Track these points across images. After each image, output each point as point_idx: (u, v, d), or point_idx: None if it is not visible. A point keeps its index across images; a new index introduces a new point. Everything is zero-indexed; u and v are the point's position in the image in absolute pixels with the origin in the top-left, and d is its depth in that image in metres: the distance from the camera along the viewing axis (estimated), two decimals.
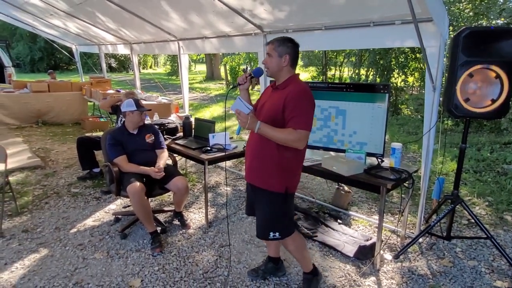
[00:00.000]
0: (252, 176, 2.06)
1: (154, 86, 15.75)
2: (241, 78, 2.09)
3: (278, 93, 1.96)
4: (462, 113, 2.43)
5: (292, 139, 1.85)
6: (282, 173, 1.96)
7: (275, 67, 1.96)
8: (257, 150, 1.99)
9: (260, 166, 1.99)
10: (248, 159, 2.10)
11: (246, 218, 3.38)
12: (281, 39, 1.95)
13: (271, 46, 1.96)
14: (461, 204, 2.69)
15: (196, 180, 4.40)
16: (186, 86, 5.41)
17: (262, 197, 2.05)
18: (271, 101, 1.98)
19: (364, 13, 2.74)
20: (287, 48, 1.93)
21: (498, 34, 2.31)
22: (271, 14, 3.28)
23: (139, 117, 3.06)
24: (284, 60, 1.93)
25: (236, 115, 1.88)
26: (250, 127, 1.86)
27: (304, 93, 1.89)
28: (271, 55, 1.95)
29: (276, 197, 1.99)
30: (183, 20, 4.22)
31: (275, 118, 1.90)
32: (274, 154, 1.93)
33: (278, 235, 2.05)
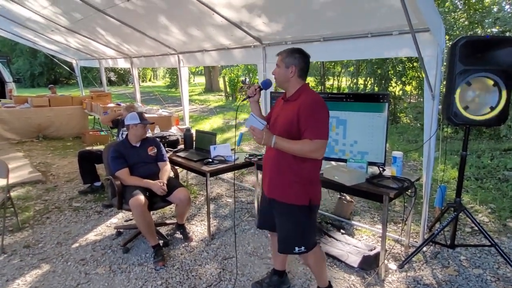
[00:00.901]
0: (274, 191, 2.02)
1: (154, 99, 15.84)
2: (251, 91, 2.10)
3: (290, 105, 1.96)
4: (462, 121, 2.45)
5: (309, 150, 1.83)
6: (304, 185, 1.94)
7: (282, 78, 1.97)
8: (276, 164, 1.98)
9: (281, 181, 1.97)
10: (267, 174, 2.07)
11: (249, 230, 3.37)
12: (289, 50, 1.97)
13: (279, 58, 1.98)
14: (464, 211, 2.68)
15: (198, 192, 4.39)
16: (186, 99, 5.45)
17: (285, 211, 2.00)
18: (284, 114, 1.97)
19: (361, 24, 2.78)
20: (294, 59, 1.93)
21: (494, 43, 2.35)
22: (269, 26, 3.34)
23: (143, 130, 3.08)
24: (291, 71, 1.93)
25: (250, 131, 1.87)
26: (266, 143, 1.84)
27: (317, 102, 1.88)
28: (279, 66, 1.97)
29: (300, 210, 1.96)
30: (183, 33, 4.27)
31: (290, 131, 1.89)
32: (293, 166, 1.92)
33: (304, 249, 2.02)
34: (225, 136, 8.28)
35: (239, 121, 10.69)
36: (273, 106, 2.21)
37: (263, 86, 2.11)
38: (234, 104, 15.06)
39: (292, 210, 1.98)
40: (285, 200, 1.98)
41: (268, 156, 2.07)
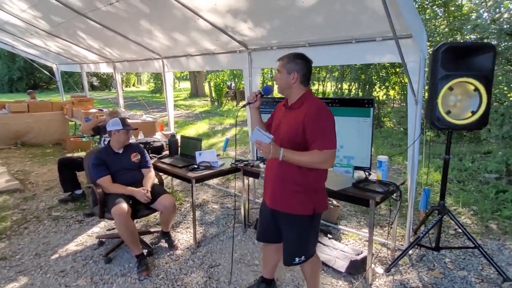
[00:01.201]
0: (277, 202, 1.96)
1: (138, 104, 15.61)
2: (251, 97, 2.04)
3: (293, 113, 1.89)
4: (445, 125, 2.49)
5: (319, 161, 1.78)
6: (309, 195, 1.89)
7: (283, 84, 1.91)
8: (280, 174, 1.92)
9: (285, 191, 1.91)
10: (269, 184, 2.02)
11: (235, 237, 3.32)
12: (292, 55, 1.90)
13: (281, 63, 1.91)
14: (448, 214, 2.72)
15: (183, 199, 4.31)
16: (171, 104, 5.37)
17: (289, 222, 1.95)
18: (288, 122, 1.91)
19: (346, 30, 2.81)
20: (296, 65, 1.87)
21: (474, 49, 2.41)
22: (255, 31, 3.33)
23: (126, 136, 3.01)
24: (293, 77, 1.87)
25: (256, 145, 1.81)
26: (274, 156, 1.77)
27: (323, 110, 1.82)
28: (280, 71, 1.91)
29: (303, 220, 1.91)
30: (167, 38, 4.22)
31: (294, 140, 1.84)
32: (298, 176, 1.86)
33: (304, 258, 1.98)
34: (210, 141, 8.21)
35: (224, 126, 10.64)
36: (274, 112, 2.14)
37: (264, 92, 2.05)
38: (220, 109, 15.01)
39: (295, 221, 1.93)
40: (290, 210, 1.92)
41: (270, 166, 2.01)
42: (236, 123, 2.70)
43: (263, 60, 3.73)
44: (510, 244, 3.11)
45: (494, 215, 3.71)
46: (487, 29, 3.62)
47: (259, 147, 1.79)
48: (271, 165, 2.01)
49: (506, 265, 2.79)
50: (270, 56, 3.60)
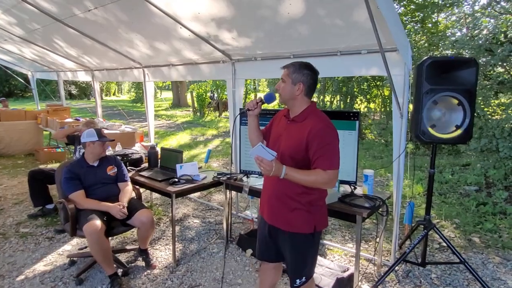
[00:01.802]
0: (276, 219, 1.86)
1: (118, 114, 15.26)
2: (251, 104, 1.91)
3: (296, 127, 1.79)
4: (430, 139, 2.47)
5: (322, 182, 1.69)
6: (309, 212, 1.79)
7: (287, 95, 1.79)
8: (279, 190, 1.82)
9: (284, 208, 1.81)
10: (267, 200, 1.91)
11: (217, 253, 3.18)
12: (298, 64, 1.78)
13: (286, 72, 1.79)
14: (434, 229, 2.69)
15: (163, 213, 4.13)
16: (151, 114, 5.22)
17: (288, 240, 1.84)
18: (289, 135, 1.80)
19: (331, 42, 2.78)
20: (303, 75, 1.76)
21: (458, 64, 2.42)
22: (239, 41, 3.26)
23: (101, 148, 2.84)
24: (298, 88, 1.76)
25: (256, 162, 1.67)
26: (275, 174, 1.66)
27: (329, 127, 1.72)
28: (284, 81, 1.79)
29: (303, 239, 1.81)
30: (148, 47, 4.10)
31: (295, 156, 1.74)
32: (299, 193, 1.77)
33: (304, 280, 1.87)
34: (192, 152, 8.05)
35: (206, 137, 10.50)
36: (273, 122, 2.01)
37: (266, 100, 1.92)
38: (202, 119, 14.85)
39: (295, 240, 1.82)
40: (289, 228, 1.81)
41: (268, 180, 1.90)
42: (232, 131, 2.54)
43: (247, 71, 3.66)
44: (493, 258, 3.11)
45: (476, 228, 3.73)
46: (467, 44, 3.72)
47: (260, 164, 1.65)
48: (269, 180, 1.90)
49: (491, 280, 2.77)
50: (254, 67, 3.55)
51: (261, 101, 1.92)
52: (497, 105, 4.62)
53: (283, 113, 1.94)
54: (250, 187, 2.97)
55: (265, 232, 1.95)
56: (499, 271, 2.90)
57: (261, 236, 2.01)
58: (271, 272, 2.08)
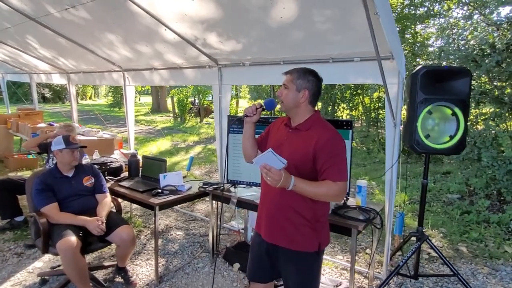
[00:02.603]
0: (277, 236, 1.71)
1: (94, 119, 14.73)
2: (250, 110, 1.76)
3: (300, 136, 1.66)
4: (424, 149, 2.43)
5: (333, 194, 1.57)
6: (313, 229, 1.66)
7: (291, 102, 1.67)
8: (282, 204, 1.68)
9: (287, 224, 1.67)
10: (266, 214, 1.75)
11: (203, 268, 3.00)
12: (302, 70, 1.68)
13: (289, 77, 1.68)
14: (427, 241, 2.63)
15: (143, 225, 3.91)
16: (131, 120, 4.98)
17: (291, 260, 1.70)
18: (292, 144, 1.67)
19: (324, 49, 2.71)
20: (308, 82, 1.66)
21: (451, 73, 2.39)
22: (227, 46, 3.14)
23: (70, 156, 2.61)
24: (303, 95, 1.65)
25: (262, 171, 1.50)
26: (283, 185, 1.51)
27: (338, 137, 1.62)
28: (287, 87, 1.67)
29: (307, 258, 1.68)
30: (129, 49, 3.91)
31: (300, 166, 1.61)
32: (303, 207, 1.64)
33: None
34: (173, 159, 7.80)
35: (188, 143, 10.26)
36: (270, 130, 1.87)
37: (266, 107, 1.79)
38: (183, 125, 14.57)
39: (300, 258, 1.68)
40: (292, 246, 1.67)
41: (268, 193, 1.75)
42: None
43: (234, 77, 3.54)
44: (482, 268, 3.10)
45: (463, 237, 3.73)
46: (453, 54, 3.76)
47: (268, 173, 1.48)
48: (268, 192, 1.74)
49: None
50: (242, 72, 3.43)
51: (261, 107, 1.78)
52: (479, 114, 4.71)
53: (282, 121, 1.81)
54: (238, 198, 2.83)
55: (260, 251, 1.80)
56: (489, 282, 2.88)
57: (256, 255, 1.85)
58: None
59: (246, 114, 1.78)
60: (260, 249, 1.79)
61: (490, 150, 4.29)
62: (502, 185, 4.36)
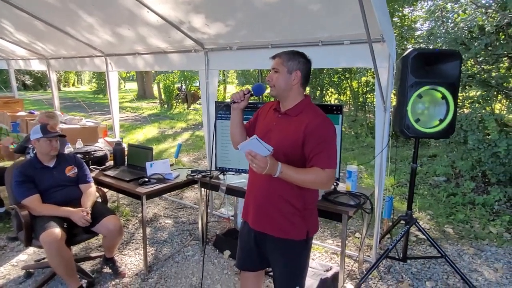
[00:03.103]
0: (264, 224, 1.67)
1: (78, 106, 14.33)
2: (237, 96, 1.67)
3: (290, 121, 1.60)
4: (414, 133, 2.41)
5: (320, 182, 1.54)
6: (302, 216, 1.62)
7: (283, 86, 1.60)
8: (269, 191, 1.63)
9: (275, 212, 1.63)
10: (254, 201, 1.71)
11: (193, 256, 2.98)
12: (291, 52, 1.62)
13: (278, 60, 1.61)
14: (416, 224, 2.66)
15: (131, 214, 3.84)
16: (115, 107, 4.84)
17: (279, 248, 1.67)
18: (282, 130, 1.61)
19: (313, 32, 2.63)
20: (299, 63, 1.60)
21: (442, 56, 2.36)
22: (213, 29, 3.03)
23: (48, 145, 2.49)
24: (295, 77, 1.59)
25: (248, 157, 1.46)
26: (269, 172, 1.47)
27: (328, 123, 1.56)
28: (278, 70, 1.60)
29: (295, 246, 1.65)
30: (111, 33, 3.74)
31: (289, 153, 1.56)
32: (289, 194, 1.60)
33: None
34: (161, 147, 7.68)
35: (175, 130, 10.11)
36: (257, 115, 1.81)
37: (255, 92, 1.70)
38: (170, 112, 14.34)
39: (288, 246, 1.65)
40: (280, 234, 1.63)
41: (255, 180, 1.70)
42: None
43: (221, 62, 3.44)
44: (468, 249, 3.17)
45: (449, 219, 3.80)
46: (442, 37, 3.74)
47: (253, 160, 1.44)
48: (256, 179, 1.69)
49: (468, 272, 2.80)
50: (229, 57, 3.33)
51: (249, 93, 1.69)
52: (466, 98, 4.74)
53: (271, 106, 1.75)
54: (227, 186, 2.78)
55: (249, 239, 1.76)
56: (475, 263, 2.95)
57: (244, 244, 1.81)
58: (253, 281, 1.89)
59: (233, 100, 1.70)
60: (249, 237, 1.76)
61: (476, 133, 4.34)
62: (487, 167, 4.44)
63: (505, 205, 4.17)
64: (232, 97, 1.70)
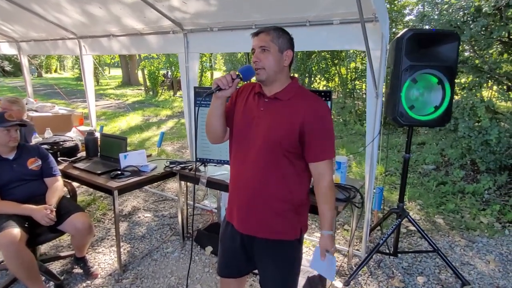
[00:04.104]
0: (253, 226, 1.47)
1: (59, 93, 13.78)
2: (224, 81, 1.35)
3: (281, 106, 1.40)
4: (408, 122, 2.24)
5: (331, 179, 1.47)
6: (296, 213, 1.47)
7: (274, 67, 1.37)
8: (259, 189, 1.43)
9: (267, 212, 1.44)
10: (239, 201, 1.50)
11: (172, 253, 2.79)
12: (278, 28, 1.40)
13: (265, 37, 1.36)
14: (408, 217, 2.52)
15: (108, 208, 3.62)
16: (91, 93, 4.54)
17: (268, 250, 1.49)
18: (274, 118, 1.39)
19: (299, 10, 2.41)
20: (288, 41, 1.40)
21: (439, 37, 2.18)
22: (192, 8, 2.77)
23: (6, 136, 2.23)
24: (286, 57, 1.39)
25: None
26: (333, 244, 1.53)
27: (326, 108, 1.43)
28: (267, 49, 1.35)
29: (289, 247, 1.49)
30: (81, 12, 3.43)
31: (283, 143, 1.37)
32: (284, 191, 1.43)
33: None
34: (144, 135, 7.40)
35: (160, 118, 9.80)
36: (235, 100, 1.53)
37: (243, 75, 1.39)
38: (155, 99, 13.93)
39: (281, 248, 1.47)
40: (273, 235, 1.45)
41: (239, 176, 1.48)
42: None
43: (202, 44, 3.19)
44: (459, 241, 3.07)
45: (439, 209, 3.70)
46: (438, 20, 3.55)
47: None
48: (240, 175, 1.48)
49: (460, 265, 2.70)
50: (210, 38, 3.09)
51: (238, 77, 1.37)
52: (457, 84, 4.61)
53: (251, 89, 1.51)
54: (208, 178, 2.58)
55: (233, 243, 1.55)
56: (467, 255, 2.85)
57: (228, 248, 1.59)
58: (235, 287, 1.72)
59: (219, 87, 1.36)
60: (233, 241, 1.55)
61: (467, 120, 4.23)
62: (477, 155, 4.35)
63: (494, 193, 4.10)
64: (216, 82, 1.37)
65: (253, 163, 1.42)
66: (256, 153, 1.41)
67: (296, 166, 1.43)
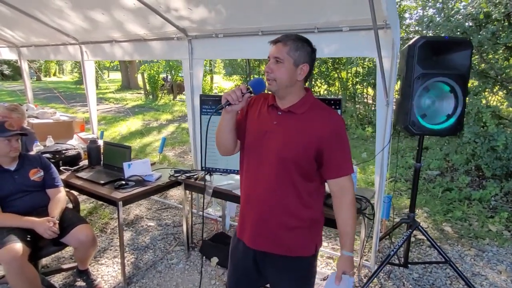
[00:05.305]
0: (267, 242, 1.40)
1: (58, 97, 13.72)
2: (234, 96, 1.27)
3: (296, 121, 1.34)
4: (420, 131, 2.19)
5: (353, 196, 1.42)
6: (311, 229, 1.42)
7: (286, 80, 1.30)
8: (270, 203, 1.37)
9: (281, 227, 1.38)
10: (251, 216, 1.43)
11: (177, 265, 2.73)
12: (298, 38, 1.32)
13: (282, 48, 1.29)
14: (419, 228, 2.47)
15: (110, 217, 3.55)
16: (93, 99, 4.48)
17: (283, 267, 1.43)
18: (287, 132, 1.33)
19: (307, 16, 2.36)
20: (307, 54, 1.32)
21: (451, 45, 2.13)
22: (196, 14, 2.72)
23: (7, 146, 2.16)
24: (301, 72, 1.31)
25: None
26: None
27: (342, 121, 1.40)
28: (281, 60, 1.29)
29: (305, 264, 1.44)
30: (83, 18, 3.38)
31: (298, 159, 1.31)
32: (300, 207, 1.37)
33: None
34: (144, 140, 7.34)
35: (160, 122, 9.74)
36: (249, 111, 1.46)
37: (254, 89, 1.33)
38: (155, 103, 13.88)
39: (296, 265, 1.42)
40: (288, 252, 1.39)
41: (252, 190, 1.42)
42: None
43: (207, 50, 3.13)
44: (469, 250, 3.02)
45: (447, 216, 3.65)
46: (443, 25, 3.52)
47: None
48: (254, 190, 1.41)
49: (472, 276, 2.64)
50: (215, 45, 3.03)
51: (248, 91, 1.31)
52: None
53: (264, 100, 1.44)
54: (214, 188, 2.53)
55: (245, 259, 1.48)
56: (477, 265, 2.79)
57: (239, 266, 1.53)
58: None
59: (228, 102, 1.29)
60: (246, 259, 1.48)
61: (473, 126, 4.18)
62: (483, 161, 4.30)
63: (501, 200, 4.05)
64: (225, 97, 1.30)
65: (266, 179, 1.37)
66: (269, 168, 1.36)
67: (311, 182, 1.39)
